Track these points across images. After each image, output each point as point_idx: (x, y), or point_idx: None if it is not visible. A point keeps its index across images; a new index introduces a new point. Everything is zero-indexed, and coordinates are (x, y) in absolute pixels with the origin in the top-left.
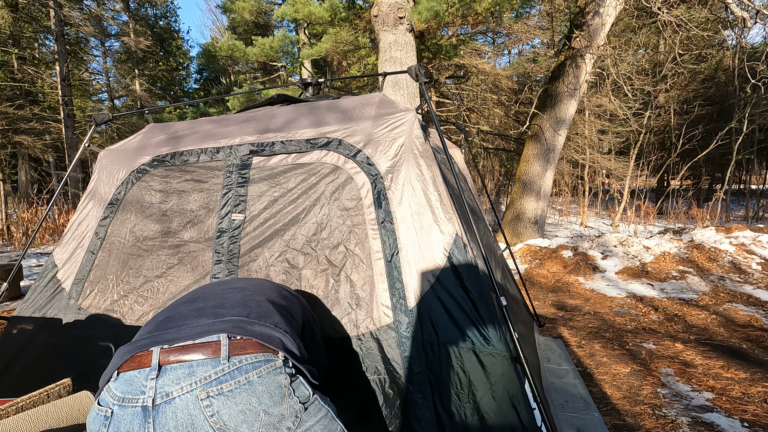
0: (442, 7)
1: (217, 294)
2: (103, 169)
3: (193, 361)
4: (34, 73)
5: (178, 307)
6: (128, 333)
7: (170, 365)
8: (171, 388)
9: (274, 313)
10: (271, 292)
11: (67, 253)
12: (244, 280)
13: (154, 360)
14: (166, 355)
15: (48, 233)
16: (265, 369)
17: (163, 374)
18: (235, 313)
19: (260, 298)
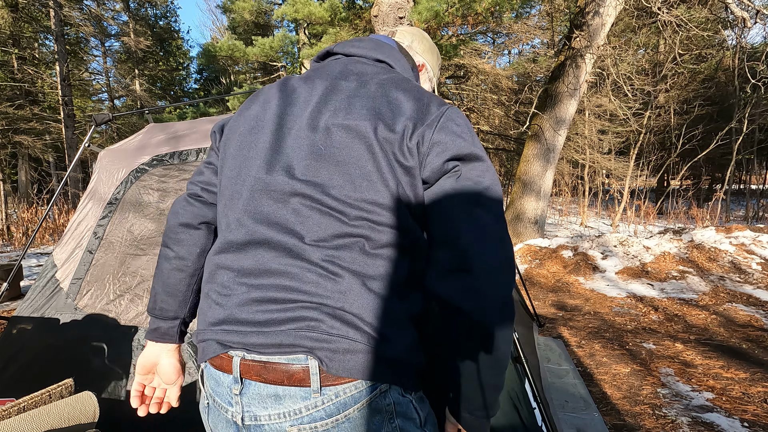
0: (442, 7)
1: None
2: (103, 169)
3: (277, 386)
4: (34, 73)
5: (264, 278)
6: (123, 333)
7: (254, 381)
8: (259, 411)
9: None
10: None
11: (66, 252)
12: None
13: (235, 371)
14: (247, 368)
15: (48, 233)
16: (368, 401)
17: (247, 390)
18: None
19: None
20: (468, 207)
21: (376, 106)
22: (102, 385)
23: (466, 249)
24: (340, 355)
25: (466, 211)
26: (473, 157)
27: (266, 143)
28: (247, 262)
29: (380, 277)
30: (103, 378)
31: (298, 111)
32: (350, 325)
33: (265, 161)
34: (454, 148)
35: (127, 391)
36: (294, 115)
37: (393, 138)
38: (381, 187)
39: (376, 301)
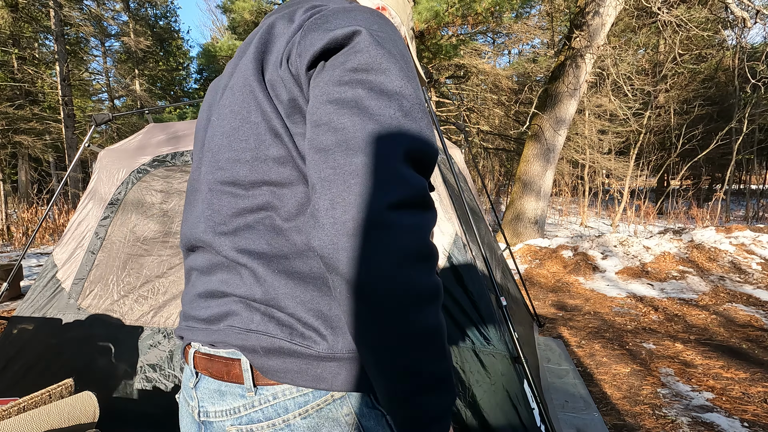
0: (442, 7)
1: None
2: (103, 169)
3: (220, 381)
4: (34, 73)
5: (205, 276)
6: (128, 333)
7: (204, 375)
8: (208, 407)
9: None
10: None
11: (66, 253)
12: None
13: (191, 364)
14: (198, 361)
15: (48, 233)
16: (315, 407)
17: (200, 383)
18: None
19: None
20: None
21: (260, 46)
22: (108, 384)
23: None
24: (262, 355)
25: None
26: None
27: (199, 140)
28: (194, 261)
29: (301, 255)
30: (109, 377)
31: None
32: (271, 318)
33: (197, 159)
34: (318, 43)
35: (133, 389)
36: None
37: (271, 72)
38: (270, 137)
39: (300, 286)
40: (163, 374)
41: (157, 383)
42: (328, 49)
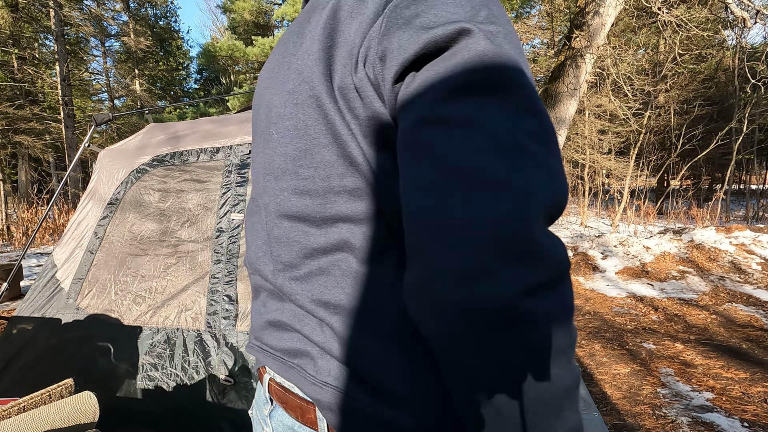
0: None
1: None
2: (103, 169)
3: (295, 420)
4: (34, 73)
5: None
6: (126, 333)
7: (279, 406)
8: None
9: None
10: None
11: (66, 253)
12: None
13: (265, 389)
14: (274, 390)
15: (48, 233)
16: None
17: (274, 412)
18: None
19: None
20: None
21: (325, 37)
22: (106, 384)
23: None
24: (337, 413)
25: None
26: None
27: (259, 147)
28: (264, 285)
29: (384, 308)
30: (108, 377)
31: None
32: (350, 377)
33: (258, 174)
34: (411, 48)
35: (132, 390)
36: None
37: (342, 76)
38: (344, 165)
39: (386, 348)
40: (164, 373)
41: (159, 382)
42: (424, 55)
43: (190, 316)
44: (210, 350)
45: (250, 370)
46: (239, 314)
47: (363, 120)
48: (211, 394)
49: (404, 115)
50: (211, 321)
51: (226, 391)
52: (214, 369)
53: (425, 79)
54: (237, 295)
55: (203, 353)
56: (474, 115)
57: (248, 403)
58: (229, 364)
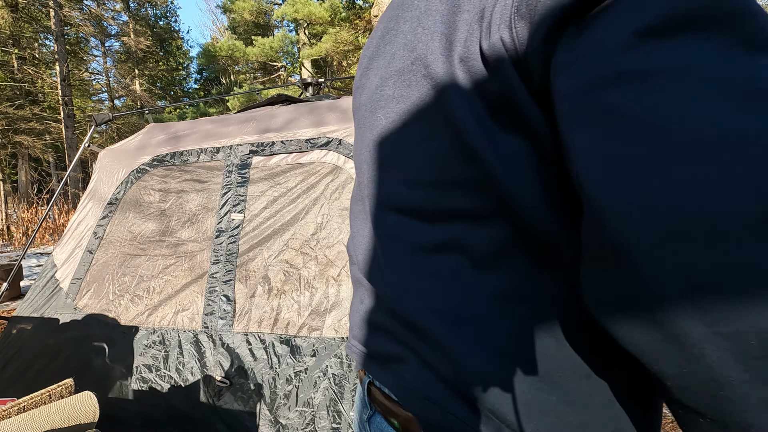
0: None
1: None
2: (103, 169)
3: (392, 427)
4: (34, 73)
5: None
6: (123, 333)
7: (378, 413)
8: None
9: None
10: None
11: (66, 252)
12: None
13: (365, 393)
14: (373, 396)
15: (48, 233)
16: None
17: (374, 419)
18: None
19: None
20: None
21: (444, 7)
22: (103, 384)
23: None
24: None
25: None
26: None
27: (362, 131)
28: (363, 280)
29: (498, 322)
30: (104, 378)
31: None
32: (456, 395)
33: (364, 161)
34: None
35: (127, 390)
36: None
37: (468, 44)
38: (461, 154)
39: (498, 369)
40: (158, 375)
41: (153, 384)
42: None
43: (186, 316)
44: (206, 351)
45: (246, 372)
46: (236, 314)
47: (491, 96)
48: (207, 395)
49: (570, 77)
50: (207, 321)
51: (221, 392)
52: (210, 370)
53: (601, 25)
54: (235, 295)
55: (199, 354)
56: (686, 60)
57: (244, 404)
58: (225, 365)
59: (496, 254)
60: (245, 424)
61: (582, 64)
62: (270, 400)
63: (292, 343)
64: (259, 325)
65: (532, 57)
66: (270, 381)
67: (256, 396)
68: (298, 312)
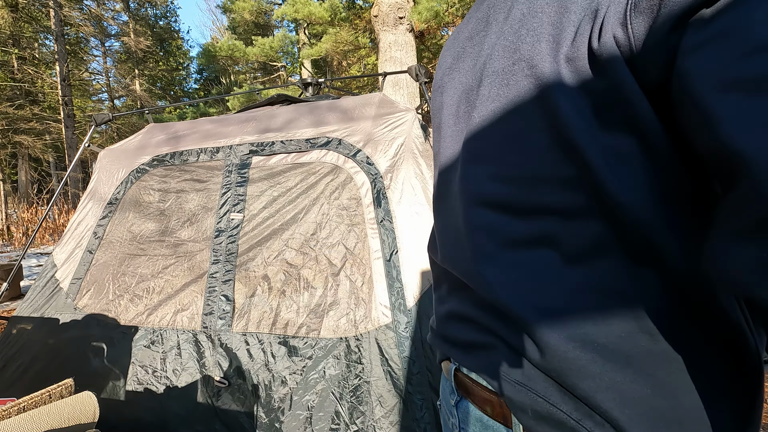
0: (442, 7)
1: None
2: (103, 169)
3: (483, 413)
4: (34, 73)
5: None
6: (123, 333)
7: (465, 399)
8: (471, 429)
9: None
10: None
11: (66, 252)
12: None
13: (451, 380)
14: (461, 380)
15: (48, 233)
16: None
17: (461, 404)
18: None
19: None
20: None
21: (551, 9)
22: (102, 385)
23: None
24: (531, 417)
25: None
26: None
27: (450, 129)
28: (446, 275)
29: (592, 316)
30: (103, 378)
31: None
32: (548, 382)
33: (451, 158)
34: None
35: (126, 391)
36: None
37: (578, 43)
38: (560, 152)
39: (589, 361)
40: (157, 375)
41: (151, 384)
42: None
43: (186, 316)
44: (205, 351)
45: (245, 372)
46: (235, 314)
47: (598, 94)
48: (205, 395)
49: (709, 54)
50: (207, 321)
51: (220, 392)
52: (209, 370)
53: (735, 5)
54: (234, 294)
55: (198, 354)
56: None
57: (242, 405)
58: (224, 365)
59: (589, 250)
60: (243, 424)
61: (721, 41)
62: (268, 401)
63: (290, 343)
64: (258, 325)
65: (652, 49)
66: (268, 382)
67: (254, 396)
68: (297, 312)
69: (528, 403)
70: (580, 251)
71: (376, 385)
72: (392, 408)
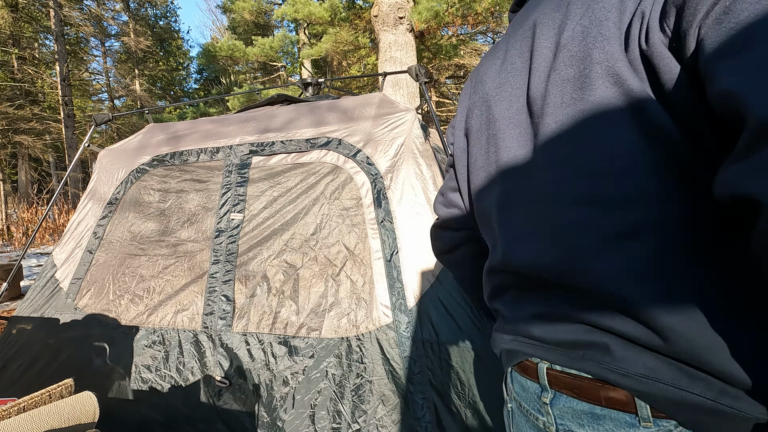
0: (442, 7)
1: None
2: (103, 169)
3: (594, 405)
4: (34, 73)
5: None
6: (123, 333)
7: (563, 394)
8: (574, 427)
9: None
10: None
11: (65, 252)
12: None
13: (542, 378)
14: (555, 376)
15: (48, 233)
16: None
17: (557, 401)
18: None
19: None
20: None
21: (615, 10)
22: (103, 384)
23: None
24: (663, 403)
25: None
26: None
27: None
28: (517, 281)
29: (701, 293)
30: (104, 378)
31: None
32: (672, 367)
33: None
34: None
35: (127, 390)
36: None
37: (646, 38)
38: (645, 140)
39: (712, 333)
40: (158, 375)
41: (153, 384)
42: None
43: (186, 316)
44: (206, 351)
45: (245, 372)
46: (236, 314)
47: (664, 84)
48: (207, 395)
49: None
50: (207, 321)
51: (221, 392)
52: (210, 370)
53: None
54: (234, 295)
55: (199, 354)
56: None
57: (243, 404)
58: (224, 365)
59: (686, 232)
60: (244, 424)
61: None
62: (269, 401)
63: (291, 343)
64: (258, 325)
65: (695, 31)
66: (269, 381)
67: (255, 396)
68: (297, 312)
69: (658, 393)
70: (680, 233)
71: (377, 385)
72: (394, 407)
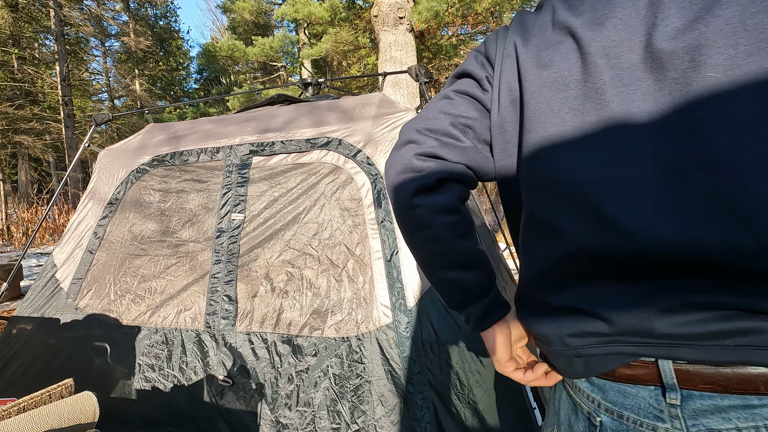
0: (442, 7)
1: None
2: (103, 169)
3: (749, 395)
4: (34, 73)
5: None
6: (125, 333)
7: (701, 392)
8: (716, 425)
9: None
10: None
11: (66, 252)
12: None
13: (668, 378)
14: (688, 374)
15: (48, 233)
16: None
17: (693, 401)
18: None
19: None
20: None
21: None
22: (103, 384)
23: None
24: None
25: None
26: None
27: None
28: (620, 270)
29: None
30: (105, 378)
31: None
32: None
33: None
34: None
35: (129, 390)
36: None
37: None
38: None
39: None
40: (161, 374)
41: (155, 383)
42: None
43: (189, 316)
44: (208, 350)
45: (248, 371)
46: (238, 314)
47: None
48: (209, 394)
49: None
50: (210, 321)
51: (224, 392)
52: (213, 369)
53: None
54: (237, 294)
55: (201, 354)
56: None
57: (246, 403)
58: (227, 364)
59: None
60: (247, 423)
61: None
62: (271, 400)
63: (294, 342)
64: (262, 324)
65: None
66: (272, 380)
67: (257, 395)
68: (300, 312)
69: None
70: None
71: (377, 385)
72: (393, 407)
